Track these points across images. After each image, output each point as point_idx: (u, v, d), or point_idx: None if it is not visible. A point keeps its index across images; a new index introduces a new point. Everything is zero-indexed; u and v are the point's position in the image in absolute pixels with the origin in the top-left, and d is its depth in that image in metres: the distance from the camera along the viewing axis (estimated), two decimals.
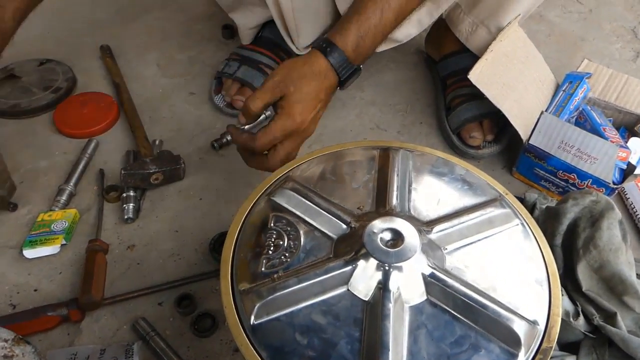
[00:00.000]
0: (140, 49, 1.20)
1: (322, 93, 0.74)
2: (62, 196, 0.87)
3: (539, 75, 0.97)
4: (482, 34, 0.95)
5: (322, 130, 1.02)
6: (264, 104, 0.72)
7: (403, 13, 0.77)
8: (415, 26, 0.96)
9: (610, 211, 0.66)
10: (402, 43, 1.00)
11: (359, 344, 0.46)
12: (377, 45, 0.77)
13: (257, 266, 0.52)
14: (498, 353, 0.47)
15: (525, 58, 0.96)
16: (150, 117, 1.03)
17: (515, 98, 0.92)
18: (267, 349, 0.47)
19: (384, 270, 0.49)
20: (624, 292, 0.63)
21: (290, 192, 0.58)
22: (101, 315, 0.73)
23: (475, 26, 0.96)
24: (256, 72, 1.01)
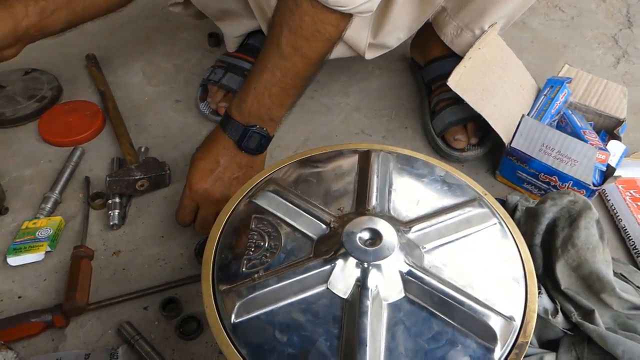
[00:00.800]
0: (125, 58, 1.20)
1: (216, 155, 0.76)
2: (47, 204, 0.87)
3: (519, 81, 0.99)
4: (466, 37, 0.97)
5: (307, 136, 1.03)
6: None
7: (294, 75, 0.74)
8: (404, 31, 0.98)
9: (587, 211, 0.67)
10: (393, 48, 1.01)
11: (338, 341, 0.47)
12: (268, 105, 0.75)
13: (238, 267, 0.53)
14: (475, 348, 0.48)
15: (504, 64, 0.98)
16: (136, 125, 1.04)
17: (496, 103, 0.93)
18: (248, 346, 0.47)
19: (363, 269, 0.50)
20: (602, 289, 0.64)
21: (271, 194, 0.59)
22: (86, 320, 0.73)
23: (460, 30, 0.97)
24: (241, 80, 1.03)
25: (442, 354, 0.47)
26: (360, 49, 0.98)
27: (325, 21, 0.70)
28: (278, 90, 0.74)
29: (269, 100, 0.74)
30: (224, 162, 0.77)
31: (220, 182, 0.77)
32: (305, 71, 0.74)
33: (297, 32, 0.70)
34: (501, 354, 0.48)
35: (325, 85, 1.15)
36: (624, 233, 0.86)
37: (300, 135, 1.04)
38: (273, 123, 0.78)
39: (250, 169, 0.79)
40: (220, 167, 0.76)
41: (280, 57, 0.72)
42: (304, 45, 0.71)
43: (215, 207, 0.77)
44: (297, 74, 0.74)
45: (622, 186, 0.91)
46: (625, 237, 0.85)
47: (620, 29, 1.39)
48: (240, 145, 0.76)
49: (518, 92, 0.98)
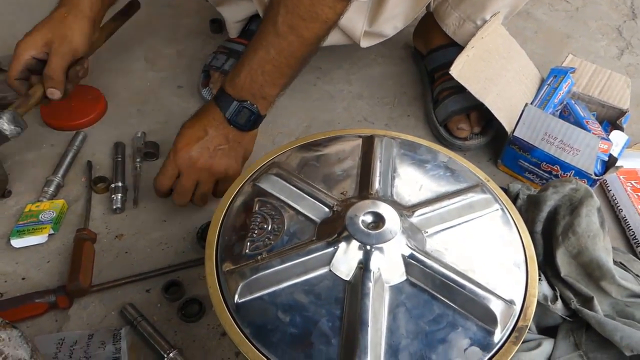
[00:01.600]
0: (127, 43, 1.20)
1: (205, 125, 0.76)
2: (50, 187, 0.87)
3: (522, 70, 0.99)
4: (469, 28, 0.97)
5: (310, 123, 1.03)
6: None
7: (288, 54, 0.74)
8: (401, 20, 0.98)
9: (589, 199, 0.68)
10: (389, 37, 1.01)
11: (340, 322, 0.47)
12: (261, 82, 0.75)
13: (242, 248, 0.53)
14: (475, 330, 0.48)
15: (507, 53, 0.98)
16: (138, 110, 1.04)
17: (498, 92, 0.93)
18: (251, 326, 0.48)
19: (365, 251, 0.50)
20: (601, 277, 0.64)
21: (274, 177, 0.59)
22: (89, 302, 0.73)
23: (462, 20, 0.97)
24: None
25: (443, 336, 0.48)
26: (355, 37, 0.97)
27: (323, 2, 0.70)
28: (271, 68, 0.74)
29: (262, 78, 0.74)
30: (212, 132, 0.76)
31: (206, 152, 0.76)
32: (299, 51, 0.74)
33: (294, 11, 0.71)
34: (501, 336, 0.49)
35: (328, 72, 1.15)
36: (624, 223, 0.87)
37: (302, 122, 1.04)
38: (265, 101, 0.77)
39: (237, 144, 0.79)
40: (207, 136, 0.76)
41: (276, 35, 0.72)
42: (300, 25, 0.71)
43: (197, 174, 0.77)
44: (291, 53, 0.74)
45: (623, 177, 0.91)
46: (626, 227, 0.86)
47: (624, 21, 1.38)
48: (230, 119, 0.76)
49: (521, 82, 0.98)
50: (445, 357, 0.46)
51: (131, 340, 0.68)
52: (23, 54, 0.83)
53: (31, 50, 0.83)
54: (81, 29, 0.85)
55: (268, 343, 0.47)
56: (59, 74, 0.84)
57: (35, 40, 0.83)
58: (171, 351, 0.66)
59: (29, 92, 0.84)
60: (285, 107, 1.06)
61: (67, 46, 0.84)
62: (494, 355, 0.47)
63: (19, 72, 0.84)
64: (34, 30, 0.84)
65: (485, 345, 0.47)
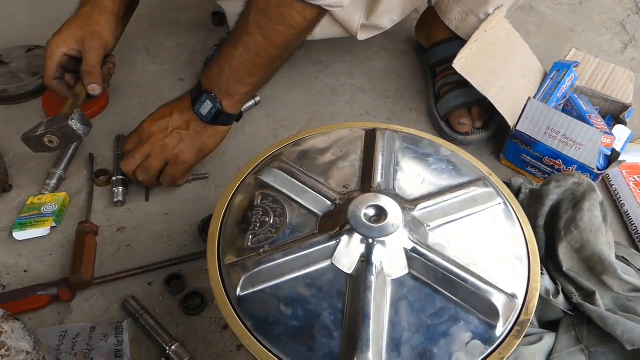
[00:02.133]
0: (129, 36, 1.19)
1: (174, 107, 0.80)
2: (52, 180, 0.87)
3: (525, 64, 0.99)
4: (472, 22, 0.96)
5: (312, 117, 1.03)
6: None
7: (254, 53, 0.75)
8: (398, 13, 0.98)
9: (591, 193, 0.67)
10: (386, 30, 1.01)
11: (342, 315, 0.47)
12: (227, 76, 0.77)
13: (244, 241, 0.53)
14: (477, 324, 0.48)
15: (510, 47, 0.97)
16: (140, 103, 1.04)
17: (501, 85, 0.93)
18: (252, 319, 0.48)
19: (367, 245, 0.50)
20: (603, 271, 0.64)
21: (277, 170, 0.59)
22: (91, 294, 0.73)
23: (465, 15, 0.97)
24: None
25: (445, 329, 0.47)
26: (352, 30, 0.97)
27: (291, 7, 0.72)
28: (238, 64, 0.75)
29: (229, 73, 0.76)
30: (176, 115, 0.79)
31: (164, 131, 0.79)
32: (266, 52, 0.75)
33: (262, 11, 0.72)
34: (503, 330, 0.48)
35: (330, 66, 1.15)
36: (626, 218, 0.86)
37: (304, 115, 1.04)
38: (230, 98, 0.78)
39: (196, 134, 0.80)
40: (171, 117, 0.79)
41: (246, 33, 0.74)
42: (268, 27, 0.73)
43: (149, 148, 0.79)
44: (257, 52, 0.75)
45: (626, 171, 0.91)
46: (628, 222, 0.86)
47: (628, 15, 1.38)
48: (194, 107, 0.79)
49: (524, 75, 0.98)
50: (447, 351, 0.46)
51: (133, 333, 0.68)
52: (56, 52, 0.84)
53: (63, 48, 0.84)
54: (108, 24, 0.87)
55: (270, 336, 0.47)
56: (97, 68, 0.85)
57: (66, 38, 0.84)
58: (173, 344, 0.66)
59: (76, 91, 0.85)
60: (287, 101, 1.06)
61: (99, 41, 0.85)
62: (496, 349, 0.47)
63: (55, 71, 0.85)
64: (64, 28, 0.85)
65: (487, 339, 0.47)
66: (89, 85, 0.84)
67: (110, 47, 0.89)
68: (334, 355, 0.45)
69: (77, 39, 0.84)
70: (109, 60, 0.90)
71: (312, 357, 0.45)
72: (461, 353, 0.46)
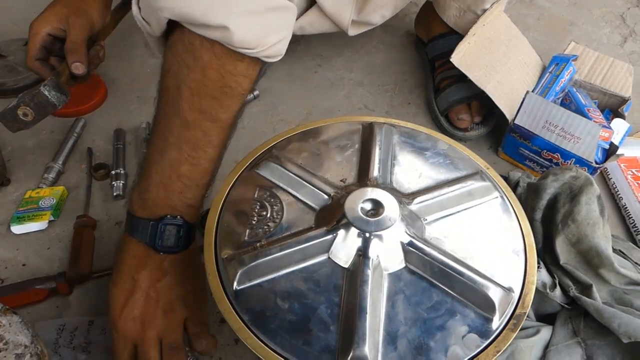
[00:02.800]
0: (127, 30, 1.19)
1: (128, 270, 0.60)
2: (50, 174, 0.87)
3: (523, 58, 0.99)
4: (469, 18, 0.96)
5: (310, 110, 1.03)
6: None
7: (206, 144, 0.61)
8: (389, 9, 0.97)
9: (589, 186, 0.67)
10: (377, 25, 1.00)
11: (338, 309, 0.48)
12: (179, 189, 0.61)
13: (240, 235, 0.53)
14: (473, 318, 0.48)
15: (509, 41, 0.97)
16: (139, 97, 1.04)
17: (499, 79, 0.93)
18: (249, 313, 0.48)
19: (364, 239, 0.50)
20: (600, 265, 0.64)
21: (274, 164, 0.59)
22: (90, 288, 0.74)
23: (463, 11, 0.96)
24: None
25: (441, 323, 0.48)
26: (343, 26, 0.96)
27: (235, 72, 0.58)
28: (189, 168, 0.60)
29: (180, 183, 0.60)
30: (141, 275, 0.59)
31: (148, 302, 0.59)
32: (219, 137, 0.61)
33: (200, 92, 0.57)
34: (499, 323, 0.49)
35: (329, 59, 1.14)
36: (624, 211, 0.86)
37: (303, 109, 1.03)
38: (191, 208, 0.62)
39: (179, 269, 0.62)
40: (138, 283, 0.59)
41: (185, 126, 0.58)
42: (214, 107, 0.59)
43: (154, 333, 0.58)
44: (209, 142, 0.60)
45: (624, 165, 0.91)
46: (626, 215, 0.86)
47: (628, 8, 1.37)
48: (153, 246, 0.60)
49: (522, 69, 0.98)
50: (444, 344, 0.46)
51: None
52: (39, 32, 0.79)
53: (46, 27, 0.79)
54: (95, 3, 0.82)
55: (267, 330, 0.47)
56: (81, 46, 0.78)
57: (50, 17, 0.80)
58: None
59: (59, 69, 0.79)
60: (285, 95, 1.06)
61: (84, 18, 0.79)
62: (492, 342, 0.47)
63: (37, 51, 0.80)
64: (47, 9, 0.81)
65: (483, 332, 0.48)
66: (72, 63, 0.77)
67: (97, 27, 0.82)
68: (331, 349, 0.45)
69: (61, 17, 0.79)
70: (97, 44, 0.83)
71: (309, 350, 0.45)
72: (457, 346, 0.46)
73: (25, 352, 0.55)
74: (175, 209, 0.61)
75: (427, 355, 0.46)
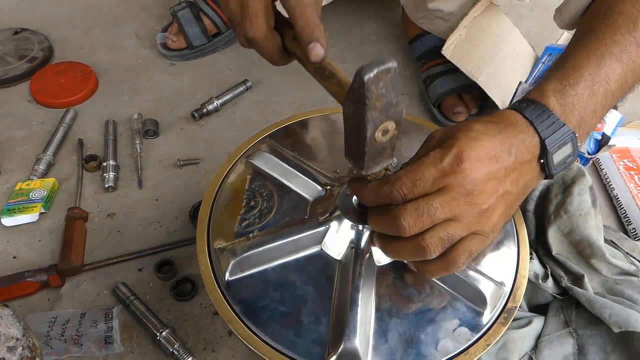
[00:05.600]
0: (118, 20, 1.18)
1: (512, 144, 0.47)
2: (40, 165, 0.86)
3: (515, 48, 0.98)
4: (439, 23, 0.96)
5: (302, 102, 1.02)
6: None
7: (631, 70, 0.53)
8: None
9: (581, 177, 0.67)
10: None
11: (330, 301, 0.48)
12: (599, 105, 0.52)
13: (233, 226, 0.53)
14: (464, 311, 0.49)
15: (500, 32, 0.97)
16: (130, 88, 1.03)
17: (491, 70, 0.92)
18: (241, 304, 0.48)
19: (357, 231, 0.50)
20: (592, 255, 0.65)
21: (267, 154, 0.59)
22: (81, 281, 0.73)
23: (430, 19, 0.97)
24: (192, 18, 1.06)
25: (432, 316, 0.48)
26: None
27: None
28: (616, 87, 0.52)
29: (596, 100, 0.52)
30: (515, 159, 0.48)
31: (495, 188, 0.47)
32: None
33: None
34: (490, 317, 0.49)
35: None
36: (615, 201, 0.87)
37: (295, 100, 1.03)
38: (582, 137, 0.53)
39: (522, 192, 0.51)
40: (507, 162, 0.47)
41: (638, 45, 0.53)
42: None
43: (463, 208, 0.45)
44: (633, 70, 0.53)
45: (616, 155, 0.91)
46: (617, 206, 0.86)
47: None
48: (548, 150, 0.49)
49: (515, 60, 0.97)
50: (434, 337, 0.46)
51: (124, 319, 0.68)
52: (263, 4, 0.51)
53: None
54: None
55: (258, 321, 0.47)
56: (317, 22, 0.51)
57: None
58: (164, 330, 0.66)
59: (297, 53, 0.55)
60: (278, 85, 1.05)
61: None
62: (482, 335, 0.48)
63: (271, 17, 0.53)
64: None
65: (474, 325, 0.48)
66: (311, 44, 0.50)
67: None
68: (322, 341, 0.46)
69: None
70: None
71: (300, 342, 0.45)
72: (448, 340, 0.46)
73: (17, 345, 0.54)
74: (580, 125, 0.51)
75: (417, 348, 0.46)
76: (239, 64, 1.09)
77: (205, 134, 0.95)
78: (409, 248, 0.45)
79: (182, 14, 1.06)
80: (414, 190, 0.44)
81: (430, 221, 0.44)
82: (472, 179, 0.45)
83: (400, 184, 0.44)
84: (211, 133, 0.95)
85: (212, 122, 0.96)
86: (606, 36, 0.53)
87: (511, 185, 0.48)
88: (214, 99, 0.97)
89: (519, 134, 0.48)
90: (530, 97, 0.51)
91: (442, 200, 0.44)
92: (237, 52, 1.11)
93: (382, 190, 0.45)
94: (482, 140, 0.46)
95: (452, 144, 0.45)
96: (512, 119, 0.49)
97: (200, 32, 1.06)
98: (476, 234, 0.46)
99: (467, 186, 0.45)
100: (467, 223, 0.46)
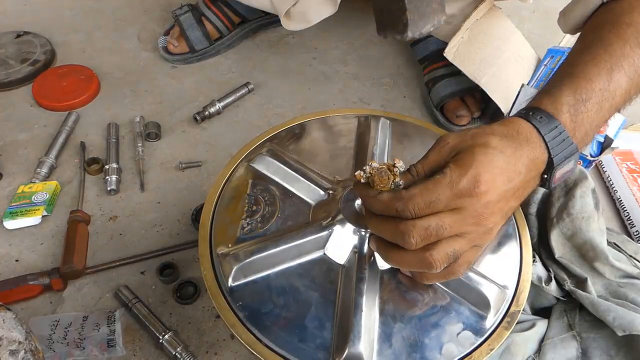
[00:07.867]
0: (120, 23, 1.18)
1: (522, 164, 0.48)
2: (43, 168, 0.86)
3: (518, 51, 0.98)
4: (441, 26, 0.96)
5: (305, 104, 1.02)
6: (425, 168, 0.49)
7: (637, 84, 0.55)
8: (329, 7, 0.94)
9: (583, 180, 0.67)
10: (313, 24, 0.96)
11: (334, 306, 0.47)
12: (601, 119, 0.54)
13: (235, 231, 0.53)
14: (468, 315, 0.48)
15: (503, 34, 0.97)
16: (132, 91, 1.03)
17: (494, 73, 0.92)
18: (244, 309, 0.48)
19: (360, 236, 0.50)
20: (595, 258, 0.65)
21: (269, 158, 0.59)
22: (83, 284, 0.73)
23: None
24: (194, 23, 1.06)
25: (436, 320, 0.48)
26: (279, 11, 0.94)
27: None
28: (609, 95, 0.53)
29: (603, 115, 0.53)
30: (524, 176, 0.48)
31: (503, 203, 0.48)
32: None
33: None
34: (493, 321, 0.49)
35: (324, 53, 1.14)
36: (618, 204, 0.87)
37: (297, 103, 1.03)
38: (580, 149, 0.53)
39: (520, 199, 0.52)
40: (517, 180, 0.48)
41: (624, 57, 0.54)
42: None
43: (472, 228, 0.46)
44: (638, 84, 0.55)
45: (619, 158, 0.91)
46: (620, 208, 0.86)
47: None
48: (556, 165, 0.50)
49: (517, 62, 0.97)
50: (438, 341, 0.46)
51: (126, 322, 0.68)
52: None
53: None
54: None
55: (262, 326, 0.47)
56: None
57: None
58: (166, 333, 0.66)
59: None
60: (280, 88, 1.05)
61: None
62: (486, 339, 0.48)
63: None
64: None
65: (477, 329, 0.48)
66: None
67: None
68: (326, 346, 0.45)
69: None
70: None
71: (304, 347, 0.45)
72: (452, 344, 0.46)
73: (20, 348, 0.54)
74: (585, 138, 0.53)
75: (421, 352, 0.46)
76: (241, 66, 1.09)
77: (207, 136, 0.95)
78: (414, 261, 0.45)
79: (184, 18, 1.06)
80: (426, 210, 0.44)
81: (437, 238, 0.45)
82: (485, 202, 0.46)
83: (414, 204, 0.44)
84: (213, 136, 0.95)
85: (214, 125, 0.96)
86: (616, 48, 0.54)
87: (514, 202, 0.50)
88: (216, 102, 0.97)
89: (531, 152, 0.49)
90: (544, 108, 0.51)
91: (452, 220, 0.45)
92: (239, 55, 1.12)
93: (393, 206, 0.45)
94: (499, 161, 0.46)
95: (469, 163, 0.45)
96: (526, 134, 0.49)
97: (202, 37, 1.06)
98: (475, 246, 0.48)
99: (479, 209, 0.46)
100: (471, 239, 0.47)
